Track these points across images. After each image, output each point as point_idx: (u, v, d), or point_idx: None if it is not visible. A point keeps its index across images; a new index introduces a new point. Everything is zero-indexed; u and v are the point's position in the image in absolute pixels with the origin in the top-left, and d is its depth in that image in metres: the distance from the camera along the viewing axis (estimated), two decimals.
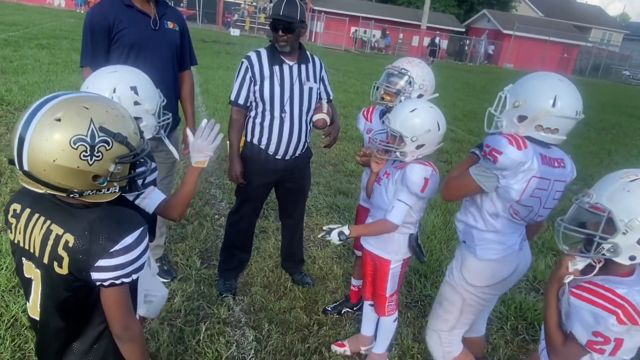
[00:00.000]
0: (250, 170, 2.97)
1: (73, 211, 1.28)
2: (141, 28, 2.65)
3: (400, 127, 2.25)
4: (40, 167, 1.18)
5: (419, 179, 2.21)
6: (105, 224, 1.26)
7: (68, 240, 1.24)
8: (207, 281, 3.26)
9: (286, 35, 2.71)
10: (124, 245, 1.25)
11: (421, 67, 2.58)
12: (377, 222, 2.35)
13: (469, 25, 39.09)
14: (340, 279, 3.52)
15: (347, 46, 31.83)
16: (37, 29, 15.55)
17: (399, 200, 2.27)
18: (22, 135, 1.16)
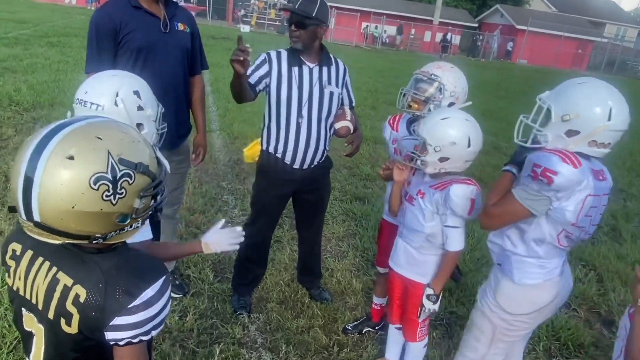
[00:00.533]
0: (266, 181, 2.80)
1: (84, 257, 1.09)
2: (150, 31, 2.46)
3: (426, 133, 2.08)
4: (57, 216, 0.99)
5: (464, 201, 2.03)
6: (122, 275, 1.09)
7: (79, 294, 1.06)
8: (221, 296, 3.10)
9: (298, 30, 2.53)
10: (145, 299, 1.08)
11: (453, 72, 2.38)
12: (447, 261, 2.18)
13: (481, 20, 38.55)
14: (360, 293, 3.34)
15: (358, 42, 31.50)
16: (48, 26, 15.48)
17: (450, 227, 2.11)
18: (28, 179, 0.97)
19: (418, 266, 2.24)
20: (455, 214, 2.08)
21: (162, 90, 2.49)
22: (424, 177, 2.27)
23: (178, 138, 2.73)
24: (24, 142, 1.03)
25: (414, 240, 2.23)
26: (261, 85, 2.64)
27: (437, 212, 2.14)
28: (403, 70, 16.89)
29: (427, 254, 2.23)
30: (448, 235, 2.12)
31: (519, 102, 12.77)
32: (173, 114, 2.59)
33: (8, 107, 6.36)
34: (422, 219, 2.17)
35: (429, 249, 2.22)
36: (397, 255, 2.34)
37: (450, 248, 2.13)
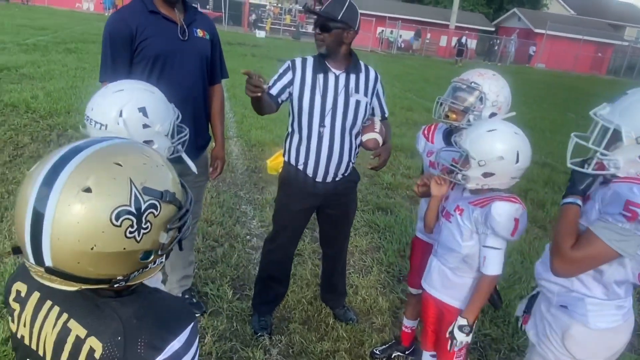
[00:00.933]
0: (287, 194, 2.63)
1: (99, 302, 0.93)
2: (167, 37, 2.31)
3: (469, 145, 1.89)
4: (73, 260, 0.85)
5: (507, 220, 1.82)
6: (145, 324, 0.92)
7: (94, 348, 0.90)
8: (240, 316, 2.93)
9: (322, 34, 2.38)
10: (170, 353, 0.92)
11: (495, 80, 2.19)
12: (481, 287, 1.96)
13: (498, 24, 38.13)
14: (387, 313, 3.15)
15: (373, 47, 31.34)
16: (66, 33, 15.59)
17: (489, 247, 1.90)
18: (37, 216, 0.83)
19: (453, 289, 2.05)
20: (496, 234, 1.88)
21: (179, 100, 2.38)
22: (464, 192, 2.08)
23: (196, 149, 2.58)
24: (28, 173, 0.86)
25: (449, 260, 2.05)
26: (284, 95, 2.49)
27: (476, 230, 1.95)
28: (419, 75, 16.66)
29: (464, 275, 2.03)
30: (486, 256, 1.92)
31: (540, 107, 12.45)
32: (191, 124, 2.44)
33: (25, 115, 6.31)
34: (460, 237, 1.99)
35: (466, 270, 2.03)
36: (430, 275, 2.15)
37: (486, 271, 1.93)
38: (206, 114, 2.64)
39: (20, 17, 18.17)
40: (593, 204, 1.54)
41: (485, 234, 1.91)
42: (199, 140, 2.57)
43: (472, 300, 2.00)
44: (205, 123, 2.66)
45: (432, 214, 2.17)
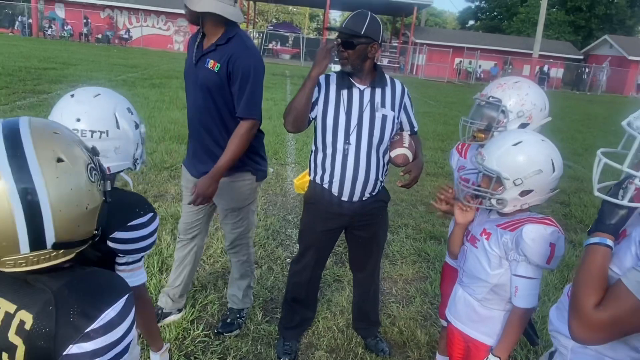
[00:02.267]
0: (313, 214, 2.52)
1: (29, 278, 0.92)
2: (188, 61, 2.52)
3: (497, 165, 1.66)
4: (75, 226, 0.92)
5: (542, 245, 1.59)
6: (77, 294, 0.92)
7: (24, 321, 0.88)
8: (266, 339, 2.83)
9: (346, 51, 2.28)
10: (105, 321, 0.91)
11: (517, 88, 1.96)
12: (513, 321, 1.73)
13: (587, 52, 36.01)
14: (425, 348, 2.89)
15: (450, 78, 30.80)
16: (154, 70, 16.90)
17: (520, 277, 1.67)
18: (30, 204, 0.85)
19: (481, 323, 1.81)
20: (529, 261, 1.65)
21: (190, 118, 2.58)
22: (490, 214, 1.86)
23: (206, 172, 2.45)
24: None
25: (476, 290, 1.81)
26: (314, 112, 2.42)
27: (505, 257, 1.71)
28: None
29: (493, 308, 1.79)
30: (518, 287, 1.68)
31: None
32: (197, 144, 2.59)
33: None
34: (487, 265, 1.76)
35: (496, 302, 1.78)
36: (455, 306, 1.92)
37: (518, 303, 1.69)
38: (217, 143, 2.47)
39: (116, 57, 20.03)
40: (628, 245, 1.16)
41: (517, 261, 1.68)
42: (205, 163, 2.51)
43: (504, 337, 1.76)
44: (215, 151, 2.48)
45: (456, 240, 1.96)
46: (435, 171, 7.11)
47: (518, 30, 38.49)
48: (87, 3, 29.65)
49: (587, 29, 38.69)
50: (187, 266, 2.83)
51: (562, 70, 33.46)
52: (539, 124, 1.95)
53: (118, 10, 30.63)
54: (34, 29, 28.96)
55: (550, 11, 35.28)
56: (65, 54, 18.43)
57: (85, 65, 15.44)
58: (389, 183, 2.66)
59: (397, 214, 5.13)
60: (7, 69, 12.52)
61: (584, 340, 1.20)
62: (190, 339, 2.73)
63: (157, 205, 4.61)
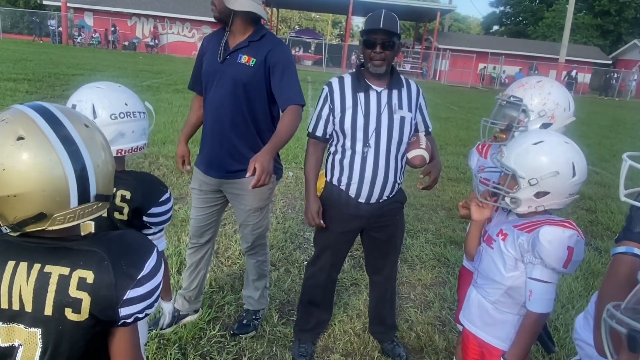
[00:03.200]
0: (329, 216, 2.50)
1: (69, 245, 1.05)
2: (212, 59, 2.49)
3: (514, 163, 1.63)
4: (108, 179, 1.07)
5: (559, 248, 1.54)
6: (121, 250, 1.08)
7: (84, 277, 1.02)
8: (282, 341, 2.82)
9: (384, 52, 2.24)
10: (149, 269, 1.09)
11: (539, 87, 1.92)
12: (526, 326, 1.69)
13: (616, 57, 35.17)
14: (442, 353, 2.83)
15: (474, 83, 30.45)
16: (178, 76, 17.16)
17: (536, 280, 1.63)
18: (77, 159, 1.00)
19: (495, 327, 1.77)
20: (545, 264, 1.60)
21: (213, 118, 2.53)
22: (508, 215, 1.82)
23: (227, 173, 2.56)
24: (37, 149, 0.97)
25: (490, 292, 1.77)
26: (329, 127, 2.42)
27: (521, 259, 1.67)
28: None
29: (507, 311, 1.75)
30: (532, 290, 1.63)
31: None
32: (220, 144, 2.54)
33: None
34: (503, 266, 1.72)
35: (509, 305, 1.74)
36: (469, 309, 1.88)
37: (532, 308, 1.64)
38: (245, 140, 2.52)
39: (142, 64, 20.43)
40: None
41: (533, 264, 1.64)
42: (230, 162, 2.54)
43: (516, 342, 1.71)
44: (241, 148, 2.52)
45: (472, 239, 1.93)
46: (456, 176, 7.01)
47: (544, 35, 37.89)
48: (114, 11, 30.39)
49: (615, 33, 37.82)
50: (202, 269, 2.85)
51: (590, 75, 32.73)
52: (563, 124, 1.90)
53: (144, 18, 31.31)
54: (64, 36, 29.80)
55: (577, 15, 34.60)
56: (94, 61, 18.89)
57: (112, 72, 15.79)
58: (409, 187, 2.65)
59: (417, 219, 5.07)
60: (37, 74, 12.90)
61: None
62: (206, 339, 2.74)
63: (177, 207, 4.66)
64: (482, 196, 1.81)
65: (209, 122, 2.55)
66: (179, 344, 2.66)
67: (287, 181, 5.97)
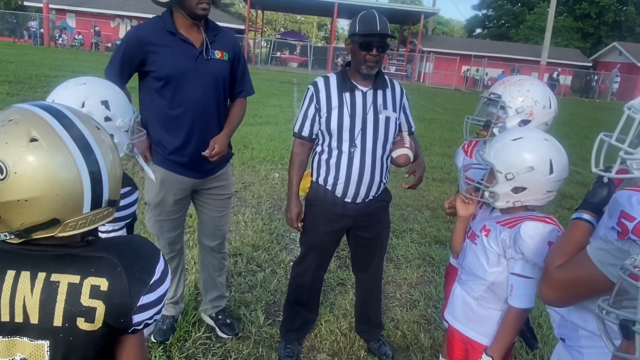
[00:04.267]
0: (315, 215, 2.51)
1: (74, 252, 1.00)
2: (181, 59, 2.30)
3: (494, 157, 1.67)
4: (118, 184, 1.04)
5: (539, 244, 1.56)
6: (131, 255, 1.05)
7: (97, 285, 0.98)
8: (268, 341, 2.81)
9: (380, 55, 2.26)
10: (159, 274, 1.07)
11: (519, 84, 1.95)
12: (507, 321, 1.71)
13: (596, 59, 35.81)
14: (428, 351, 2.85)
15: (458, 85, 30.75)
16: None
17: (517, 275, 1.65)
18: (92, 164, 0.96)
19: (479, 322, 1.79)
20: (526, 259, 1.62)
21: (190, 119, 2.41)
22: (492, 212, 1.85)
23: (212, 165, 2.52)
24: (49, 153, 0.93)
25: (473, 288, 1.79)
26: (315, 127, 2.42)
27: (504, 255, 1.69)
28: None
29: (489, 307, 1.77)
30: (514, 285, 1.66)
31: None
32: (201, 142, 2.43)
33: None
34: (486, 262, 1.74)
35: (492, 301, 1.76)
36: (454, 306, 1.90)
37: (514, 303, 1.66)
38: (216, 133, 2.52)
39: None
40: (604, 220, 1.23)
41: (514, 259, 1.66)
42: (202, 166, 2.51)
43: (497, 336, 1.74)
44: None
45: (458, 236, 1.95)
46: (441, 177, 7.07)
47: (525, 38, 38.41)
48: (97, 13, 30.04)
49: (596, 36, 38.51)
50: (183, 272, 2.82)
51: (571, 77, 33.28)
52: (543, 120, 1.93)
53: (128, 19, 31.02)
54: (45, 38, 29.36)
55: (558, 18, 35.16)
56: (76, 63, 18.65)
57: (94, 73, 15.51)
58: (394, 188, 2.66)
59: (403, 219, 5.10)
60: (18, 76, 12.69)
61: (548, 299, 1.31)
62: (191, 340, 2.72)
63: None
64: (466, 192, 1.83)
65: (188, 121, 2.39)
66: (163, 347, 2.63)
67: (272, 182, 5.97)
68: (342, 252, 3.98)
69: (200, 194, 2.63)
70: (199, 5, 2.24)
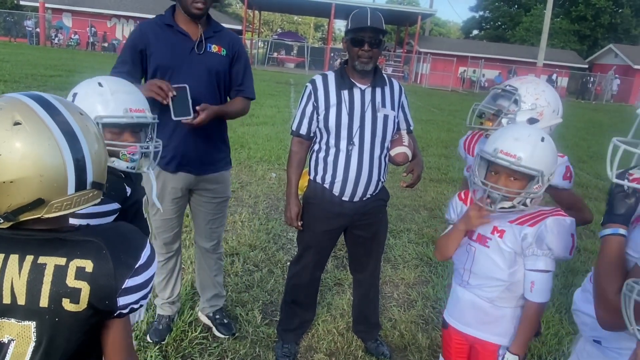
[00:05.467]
0: (312, 214, 2.49)
1: (62, 236, 1.03)
2: (175, 50, 2.33)
3: (537, 164, 1.59)
4: (103, 167, 1.07)
5: (566, 237, 1.62)
6: (118, 240, 1.08)
7: (83, 266, 1.00)
8: (265, 341, 2.79)
9: (372, 50, 2.24)
10: (145, 258, 1.09)
11: (536, 83, 1.97)
12: (530, 317, 1.71)
13: (592, 61, 35.96)
14: (426, 351, 2.84)
15: (454, 86, 30.80)
16: None
17: (538, 271, 1.65)
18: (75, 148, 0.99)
19: (493, 324, 1.76)
20: (553, 255, 1.65)
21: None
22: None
23: (207, 165, 2.52)
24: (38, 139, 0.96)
25: (488, 291, 1.76)
26: (313, 125, 2.41)
27: (521, 253, 1.69)
28: None
29: (504, 306, 1.75)
30: (535, 281, 1.66)
31: None
32: (197, 138, 2.43)
33: None
34: (503, 263, 1.71)
35: (508, 300, 1.75)
36: (460, 311, 1.86)
37: (536, 298, 1.67)
38: (220, 131, 2.58)
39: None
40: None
41: (536, 256, 1.66)
42: (205, 155, 2.51)
43: (520, 333, 1.74)
44: (216, 138, 2.55)
45: (454, 243, 1.83)
46: (438, 177, 7.07)
47: (522, 39, 38.53)
48: (93, 12, 29.95)
49: (592, 38, 38.68)
50: (179, 272, 2.79)
51: (567, 79, 33.40)
52: (549, 124, 1.94)
53: (124, 19, 30.94)
54: (41, 37, 29.25)
55: (554, 20, 35.28)
56: (72, 62, 18.58)
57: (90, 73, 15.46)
58: (391, 188, 2.65)
59: (400, 219, 5.09)
60: (14, 76, 12.62)
61: (612, 326, 1.25)
62: (187, 340, 2.70)
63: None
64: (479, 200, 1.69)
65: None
66: (159, 347, 2.61)
67: (269, 182, 5.95)
68: (339, 252, 3.97)
69: (195, 195, 2.61)
70: (193, 4, 2.28)
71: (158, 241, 2.59)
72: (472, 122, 2.12)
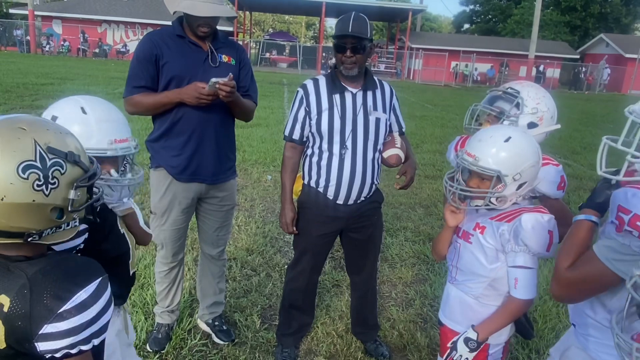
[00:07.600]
0: (307, 218, 2.50)
1: (10, 265, 0.99)
2: (189, 60, 2.35)
3: (494, 164, 1.64)
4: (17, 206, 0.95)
5: (541, 233, 1.61)
6: (50, 278, 0.99)
7: (2, 303, 0.96)
8: (265, 346, 2.80)
9: (355, 55, 2.25)
10: (77, 302, 0.98)
11: (536, 88, 1.98)
12: (507, 308, 1.72)
13: (583, 51, 36.11)
14: (425, 350, 2.86)
15: (447, 81, 30.86)
16: None
17: (520, 267, 1.67)
18: None
19: (479, 320, 1.79)
20: (529, 251, 1.65)
21: (201, 121, 2.41)
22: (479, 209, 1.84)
23: (218, 174, 2.55)
24: None
25: (473, 287, 1.79)
26: (306, 130, 2.41)
27: (502, 249, 1.70)
28: None
29: (490, 303, 1.77)
30: (518, 278, 1.67)
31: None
32: (210, 147, 2.46)
33: None
34: (485, 259, 1.73)
35: (493, 297, 1.77)
36: (449, 307, 1.89)
37: (518, 295, 1.67)
38: (230, 139, 2.60)
39: (114, 71, 20.05)
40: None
41: (515, 252, 1.68)
42: (218, 164, 2.53)
43: (492, 317, 1.75)
44: (228, 147, 2.59)
45: (445, 242, 1.90)
46: (433, 174, 7.09)
47: (513, 32, 38.60)
48: (83, 19, 29.83)
49: (582, 28, 38.79)
50: (181, 282, 2.79)
51: (559, 70, 33.52)
52: (546, 129, 1.95)
53: (115, 25, 30.83)
54: (32, 45, 29.12)
55: (545, 12, 35.36)
56: (63, 69, 18.51)
57: (82, 80, 15.50)
58: (387, 187, 2.67)
59: (396, 217, 5.10)
60: (5, 85, 12.58)
61: (558, 296, 1.39)
62: (187, 348, 2.71)
63: None
64: (452, 201, 1.77)
65: (192, 126, 2.38)
66: (159, 356, 2.62)
67: (265, 185, 5.95)
68: (336, 254, 3.98)
69: (204, 203, 2.62)
70: (199, 28, 2.32)
71: (165, 251, 2.61)
72: (470, 123, 2.13)
